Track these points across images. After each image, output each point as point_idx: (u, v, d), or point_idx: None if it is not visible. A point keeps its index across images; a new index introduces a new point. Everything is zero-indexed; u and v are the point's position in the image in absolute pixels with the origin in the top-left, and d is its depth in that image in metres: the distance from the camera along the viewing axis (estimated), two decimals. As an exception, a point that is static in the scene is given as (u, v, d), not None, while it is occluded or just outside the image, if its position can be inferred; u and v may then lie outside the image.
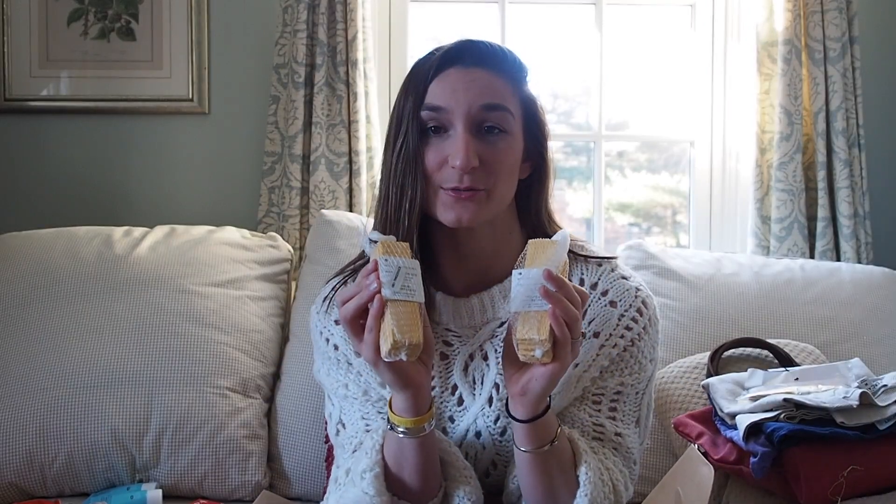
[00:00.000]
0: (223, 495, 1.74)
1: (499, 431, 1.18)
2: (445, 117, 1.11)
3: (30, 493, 1.71)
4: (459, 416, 1.20)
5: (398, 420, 1.07)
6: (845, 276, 2.02)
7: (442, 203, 1.11)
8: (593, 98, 2.46)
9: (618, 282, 1.19)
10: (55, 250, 1.92)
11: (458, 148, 1.08)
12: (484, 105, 1.10)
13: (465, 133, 1.09)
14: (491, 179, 1.11)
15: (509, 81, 1.14)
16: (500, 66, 1.14)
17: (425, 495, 1.11)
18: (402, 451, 1.08)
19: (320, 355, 1.25)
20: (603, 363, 1.17)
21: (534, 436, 1.07)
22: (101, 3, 2.29)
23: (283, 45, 2.20)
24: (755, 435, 1.45)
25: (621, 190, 2.65)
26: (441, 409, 1.20)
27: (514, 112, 1.13)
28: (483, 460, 1.19)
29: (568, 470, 1.09)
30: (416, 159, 1.11)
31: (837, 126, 2.20)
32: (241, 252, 1.98)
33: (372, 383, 1.19)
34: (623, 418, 1.18)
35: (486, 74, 1.12)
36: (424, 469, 1.09)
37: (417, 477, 1.09)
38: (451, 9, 2.56)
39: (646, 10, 2.53)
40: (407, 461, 1.08)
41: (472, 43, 1.14)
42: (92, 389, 1.73)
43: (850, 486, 1.40)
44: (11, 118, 2.30)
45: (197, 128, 2.32)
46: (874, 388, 1.47)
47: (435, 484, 1.11)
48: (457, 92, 1.10)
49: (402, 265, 1.02)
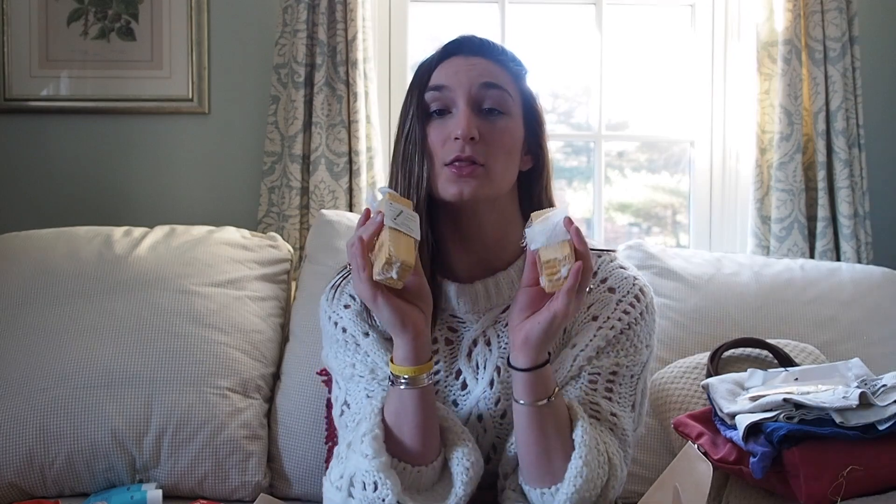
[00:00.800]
0: (223, 496, 1.74)
1: (499, 414, 1.22)
2: (448, 96, 1.18)
3: (30, 494, 1.71)
4: (463, 401, 1.24)
5: (399, 370, 1.11)
6: (845, 276, 2.02)
7: (444, 178, 1.17)
8: (593, 98, 2.46)
9: (617, 270, 1.26)
10: (55, 250, 1.92)
11: (459, 120, 1.16)
12: (484, 83, 1.18)
13: (466, 108, 1.17)
14: (490, 157, 1.17)
15: (508, 72, 1.22)
16: (500, 56, 1.22)
17: (425, 457, 1.13)
18: (402, 405, 1.12)
19: (329, 340, 1.30)
20: (599, 344, 1.21)
21: (532, 387, 1.11)
22: (101, 3, 2.29)
23: (283, 45, 2.20)
24: (755, 435, 1.45)
25: (621, 190, 2.65)
26: (445, 393, 1.24)
27: (512, 96, 1.21)
28: (484, 444, 1.23)
29: (564, 432, 1.12)
30: (422, 140, 1.18)
31: (837, 126, 2.20)
32: (241, 252, 1.98)
33: (379, 363, 1.22)
34: (619, 400, 1.21)
35: (486, 62, 1.20)
36: (424, 427, 1.12)
37: (417, 435, 1.12)
38: (451, 9, 2.56)
39: (646, 10, 2.53)
40: (407, 417, 1.12)
41: (474, 36, 1.23)
42: (92, 389, 1.73)
43: (850, 486, 1.40)
44: (11, 118, 2.31)
45: (197, 128, 2.33)
46: (874, 388, 1.47)
47: (434, 445, 1.14)
48: (459, 73, 1.18)
49: (404, 210, 1.10)
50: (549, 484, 1.12)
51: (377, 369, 1.23)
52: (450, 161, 1.15)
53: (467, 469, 1.13)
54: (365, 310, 1.25)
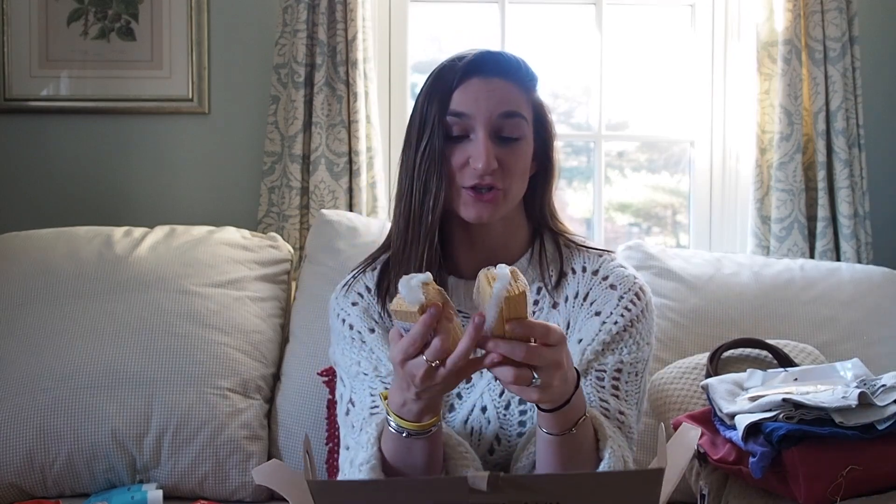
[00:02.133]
0: (224, 496, 1.74)
1: (503, 405, 1.24)
2: (468, 123, 1.20)
3: (30, 494, 1.71)
4: (467, 393, 1.25)
5: (403, 423, 1.06)
6: (845, 276, 2.02)
7: (464, 202, 1.21)
8: (593, 98, 2.46)
9: (617, 269, 1.29)
10: (55, 250, 1.92)
11: (479, 152, 1.18)
12: (503, 113, 1.20)
13: (485, 138, 1.19)
14: (508, 180, 1.21)
15: (523, 90, 1.24)
16: (516, 75, 1.24)
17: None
18: (407, 450, 1.08)
19: (336, 337, 1.31)
20: (604, 338, 1.23)
21: (557, 422, 1.07)
22: (101, 2, 2.29)
23: (283, 45, 2.20)
24: (754, 435, 1.45)
25: (621, 190, 2.65)
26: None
27: (527, 118, 1.24)
28: (487, 435, 1.23)
29: (589, 451, 1.11)
30: (441, 160, 1.20)
31: (837, 126, 2.20)
32: (242, 252, 1.98)
33: (382, 359, 1.24)
34: (626, 398, 1.23)
35: (504, 84, 1.22)
36: (428, 463, 1.10)
37: (421, 470, 1.10)
38: (451, 9, 2.56)
39: (646, 10, 2.53)
40: (411, 458, 1.09)
41: (492, 54, 1.25)
42: (92, 390, 1.73)
43: (850, 486, 1.40)
44: (11, 118, 2.30)
45: (197, 128, 2.33)
46: (873, 388, 1.47)
47: (437, 468, 1.12)
48: (479, 101, 1.20)
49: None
50: None
51: (380, 366, 1.24)
52: (469, 186, 1.19)
53: None
54: (372, 305, 1.28)
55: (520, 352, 0.96)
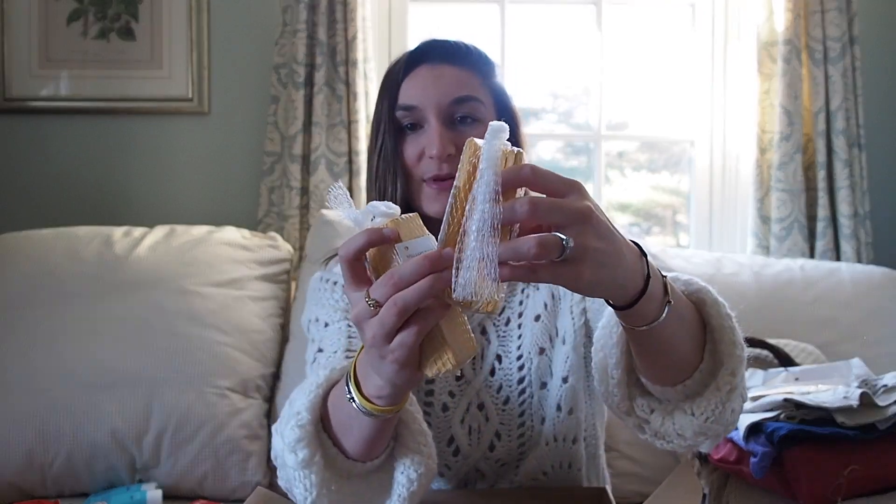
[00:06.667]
0: (223, 495, 1.74)
1: (502, 400, 1.21)
2: (419, 114, 1.15)
3: (30, 493, 1.71)
4: (460, 392, 1.21)
5: (370, 406, 0.85)
6: (845, 276, 2.02)
7: (426, 197, 1.15)
8: (593, 98, 2.46)
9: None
10: (55, 250, 1.92)
11: (432, 139, 1.13)
12: (455, 99, 1.15)
13: (437, 124, 1.14)
14: None
15: (477, 73, 1.19)
16: (466, 60, 1.19)
17: (363, 459, 0.93)
18: (358, 422, 0.88)
19: (314, 295, 1.26)
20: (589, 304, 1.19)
21: (639, 316, 0.87)
22: (101, 2, 2.29)
23: (283, 45, 2.20)
24: (755, 435, 1.45)
25: (621, 190, 2.65)
26: (440, 386, 1.21)
27: (484, 101, 1.17)
28: (486, 433, 1.21)
29: (691, 320, 0.96)
30: (394, 157, 1.16)
31: (837, 126, 2.20)
32: (241, 252, 1.98)
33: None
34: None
35: (452, 70, 1.17)
36: (373, 441, 0.91)
37: (361, 446, 0.91)
38: (451, 9, 2.56)
39: (646, 10, 2.53)
40: (357, 432, 0.90)
41: (438, 41, 1.20)
42: (92, 389, 1.73)
43: (850, 486, 1.40)
44: (11, 118, 2.30)
45: (197, 128, 2.33)
46: (874, 387, 1.47)
47: (380, 450, 0.94)
48: (427, 89, 1.15)
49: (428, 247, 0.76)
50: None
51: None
52: (428, 178, 1.14)
53: (411, 481, 0.93)
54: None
55: (523, 208, 0.71)
